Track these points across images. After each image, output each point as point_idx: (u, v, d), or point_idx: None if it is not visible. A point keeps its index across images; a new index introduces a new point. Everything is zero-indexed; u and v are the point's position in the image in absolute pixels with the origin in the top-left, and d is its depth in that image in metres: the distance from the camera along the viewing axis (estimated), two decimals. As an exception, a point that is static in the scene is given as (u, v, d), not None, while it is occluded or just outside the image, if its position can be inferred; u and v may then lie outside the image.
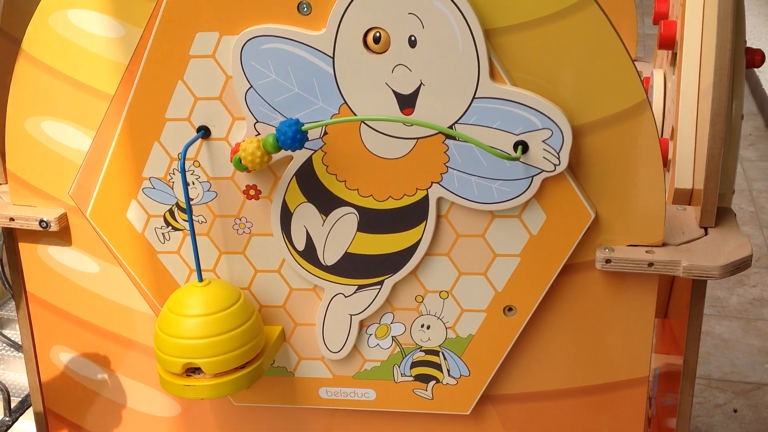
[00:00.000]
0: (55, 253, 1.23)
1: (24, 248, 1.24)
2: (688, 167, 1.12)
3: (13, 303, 2.14)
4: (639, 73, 1.01)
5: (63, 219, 1.19)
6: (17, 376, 2.04)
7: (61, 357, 1.30)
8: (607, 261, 1.06)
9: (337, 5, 1.00)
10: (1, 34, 1.19)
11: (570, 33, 0.99)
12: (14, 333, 2.18)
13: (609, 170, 1.04)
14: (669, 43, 1.30)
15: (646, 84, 1.32)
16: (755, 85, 4.15)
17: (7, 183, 1.21)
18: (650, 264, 1.04)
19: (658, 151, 1.02)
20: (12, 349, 2.09)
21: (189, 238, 1.16)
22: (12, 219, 1.19)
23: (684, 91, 1.15)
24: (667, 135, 1.31)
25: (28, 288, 1.27)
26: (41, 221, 1.17)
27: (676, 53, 1.30)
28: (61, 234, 1.21)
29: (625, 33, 1.73)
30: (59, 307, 1.26)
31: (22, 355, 1.93)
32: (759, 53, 1.13)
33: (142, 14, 1.07)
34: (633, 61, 1.00)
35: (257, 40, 1.04)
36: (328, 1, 1.01)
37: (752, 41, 4.11)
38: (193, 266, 1.18)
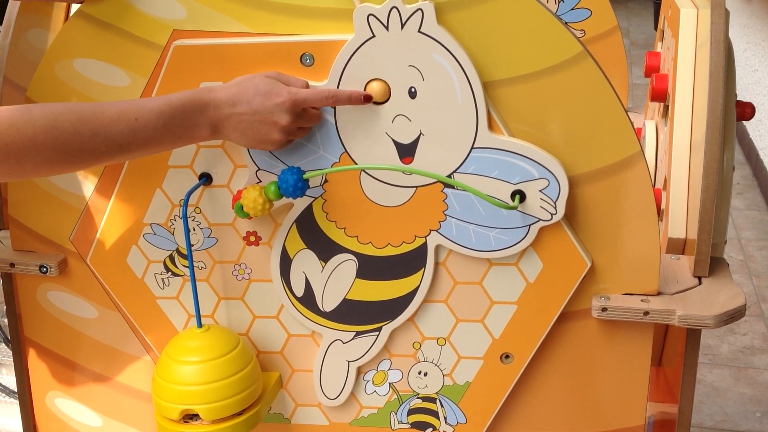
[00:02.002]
0: (53, 298, 1.23)
1: (23, 293, 1.24)
2: (681, 217, 1.14)
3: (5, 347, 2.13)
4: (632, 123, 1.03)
5: (63, 264, 1.20)
6: (9, 422, 2.02)
7: (57, 403, 1.29)
8: (603, 309, 1.07)
9: (339, 57, 1.03)
10: (7, 83, 1.21)
11: (566, 86, 1.01)
12: (4, 378, 2.16)
13: (604, 220, 1.06)
14: (661, 95, 1.33)
15: (638, 135, 1.34)
16: (742, 135, 4.22)
17: (7, 228, 1.22)
18: (646, 313, 1.05)
19: (652, 201, 1.04)
20: (4, 395, 2.08)
21: (188, 284, 1.17)
22: (12, 264, 1.19)
23: (677, 144, 1.17)
24: (659, 185, 1.33)
25: (25, 333, 1.27)
26: (42, 266, 1.18)
27: (667, 106, 1.33)
28: (60, 279, 1.21)
29: (616, 84, 1.76)
30: (56, 352, 1.26)
31: (15, 401, 1.91)
32: (749, 107, 1.16)
33: (147, 64, 1.09)
34: (627, 113, 1.03)
35: (260, 90, 1.06)
36: (330, 53, 1.03)
37: (739, 90, 4.18)
38: (192, 312, 1.19)
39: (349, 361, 1.17)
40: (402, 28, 1.00)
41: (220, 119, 0.99)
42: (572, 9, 1.77)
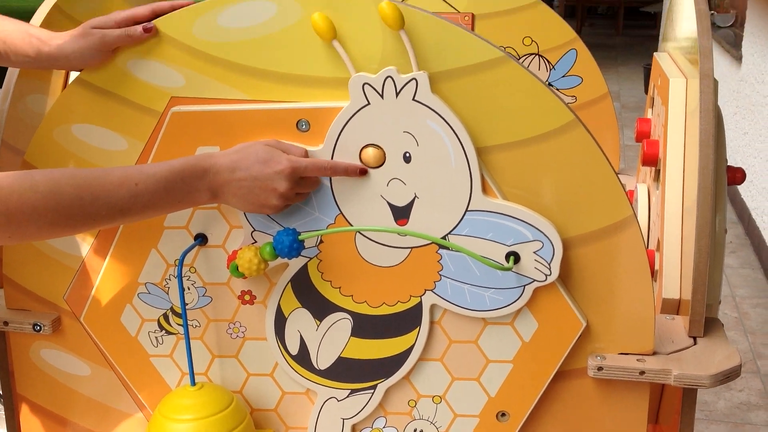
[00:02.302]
0: (46, 355, 1.23)
1: (16, 350, 1.24)
2: (675, 278, 1.15)
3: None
4: (624, 187, 1.05)
5: (57, 323, 1.19)
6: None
7: (47, 462, 1.28)
8: (599, 369, 1.07)
9: (335, 123, 1.04)
10: (5, 147, 1.22)
11: (558, 152, 1.03)
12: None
13: (599, 281, 1.07)
14: (652, 160, 1.35)
15: (630, 197, 1.36)
16: (734, 195, 4.25)
17: (2, 287, 1.22)
18: (642, 372, 1.05)
19: (646, 263, 1.05)
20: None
21: (182, 342, 1.17)
22: (6, 323, 1.19)
23: (668, 208, 1.18)
24: (653, 246, 1.34)
25: (18, 390, 1.26)
26: (35, 325, 1.18)
27: (659, 170, 1.35)
28: (53, 337, 1.21)
29: (608, 147, 1.79)
30: (49, 409, 1.25)
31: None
32: (740, 172, 1.18)
33: (144, 129, 1.10)
34: (618, 177, 1.04)
35: (258, 152, 1.07)
36: (326, 119, 1.05)
37: (729, 152, 4.23)
38: (186, 370, 1.18)
39: (344, 419, 1.17)
40: (397, 97, 1.02)
41: (220, 185, 1.00)
42: (563, 76, 1.80)
